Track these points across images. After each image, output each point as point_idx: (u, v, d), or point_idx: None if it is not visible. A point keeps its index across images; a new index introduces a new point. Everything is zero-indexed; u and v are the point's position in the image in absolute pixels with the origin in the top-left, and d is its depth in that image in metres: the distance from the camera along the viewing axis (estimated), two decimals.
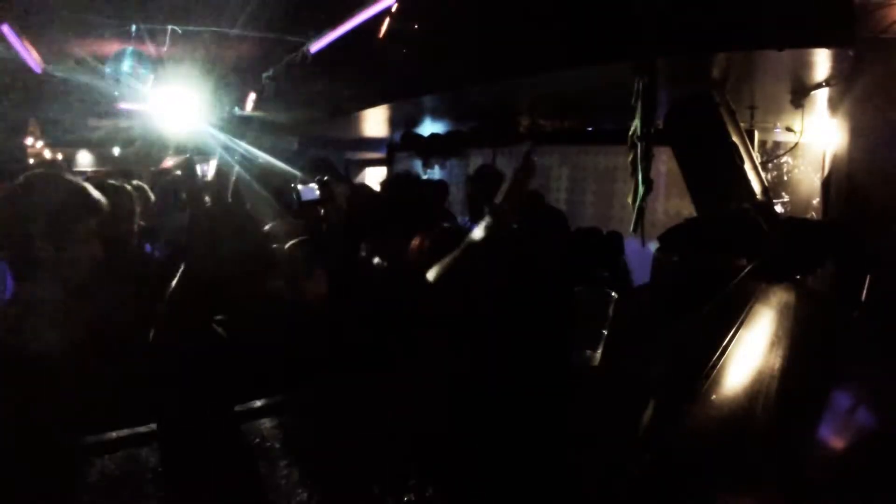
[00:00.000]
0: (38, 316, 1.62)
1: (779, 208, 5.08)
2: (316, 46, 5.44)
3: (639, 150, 3.18)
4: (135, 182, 3.77)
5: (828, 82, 3.35)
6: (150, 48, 5.90)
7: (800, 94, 3.68)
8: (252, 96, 7.31)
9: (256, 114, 7.42)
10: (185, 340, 1.14)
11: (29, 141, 10.13)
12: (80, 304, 1.73)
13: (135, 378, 1.87)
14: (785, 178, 5.90)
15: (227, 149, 7.30)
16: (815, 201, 5.21)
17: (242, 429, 1.11)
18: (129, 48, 5.93)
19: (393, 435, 1.14)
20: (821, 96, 3.63)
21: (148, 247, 3.53)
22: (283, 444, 1.08)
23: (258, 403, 1.21)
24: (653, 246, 3.30)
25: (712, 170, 3.67)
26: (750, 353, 1.66)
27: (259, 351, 1.80)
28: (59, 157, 12.69)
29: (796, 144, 4.26)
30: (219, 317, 1.71)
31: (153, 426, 1.08)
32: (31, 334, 1.59)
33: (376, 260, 2.64)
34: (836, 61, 2.98)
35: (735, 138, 3.66)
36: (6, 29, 5.06)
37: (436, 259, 2.17)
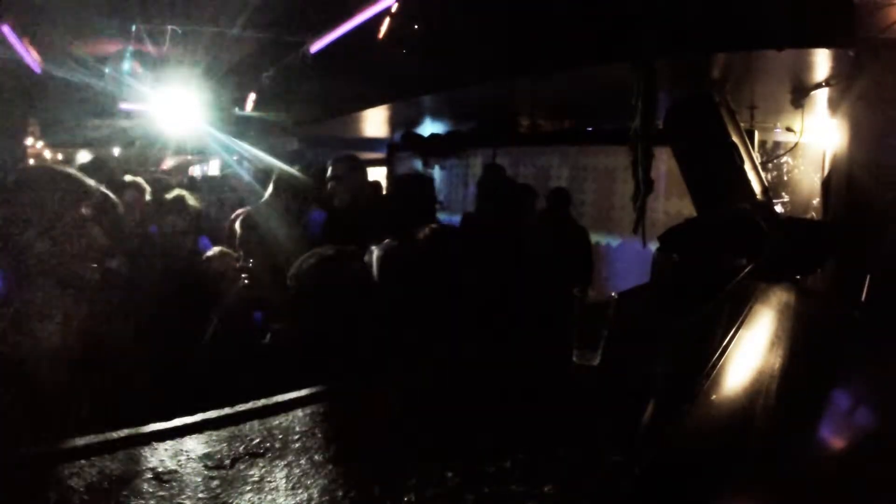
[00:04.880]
0: (35, 315, 1.63)
1: (779, 208, 5.08)
2: (316, 46, 5.45)
3: (639, 150, 3.18)
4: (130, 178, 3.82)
5: (828, 82, 3.35)
6: (150, 48, 5.90)
7: (800, 94, 3.68)
8: (252, 96, 7.32)
9: (256, 114, 7.43)
10: None
11: (29, 141, 10.12)
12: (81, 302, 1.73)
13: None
14: (785, 178, 5.90)
15: (226, 149, 7.32)
16: (815, 201, 5.21)
17: (242, 429, 1.11)
18: (129, 48, 5.94)
19: (393, 435, 1.14)
20: (821, 96, 3.63)
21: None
22: (282, 444, 1.07)
23: (257, 403, 1.21)
24: (653, 246, 3.30)
25: (712, 170, 3.67)
26: (750, 353, 1.67)
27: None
28: (59, 157, 12.68)
29: (796, 144, 4.26)
30: None
31: (153, 426, 1.08)
32: (28, 335, 1.59)
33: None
34: (836, 61, 2.98)
35: (735, 138, 3.67)
36: (6, 29, 5.06)
37: (426, 257, 2.17)
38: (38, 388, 1.52)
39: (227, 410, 1.16)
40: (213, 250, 3.01)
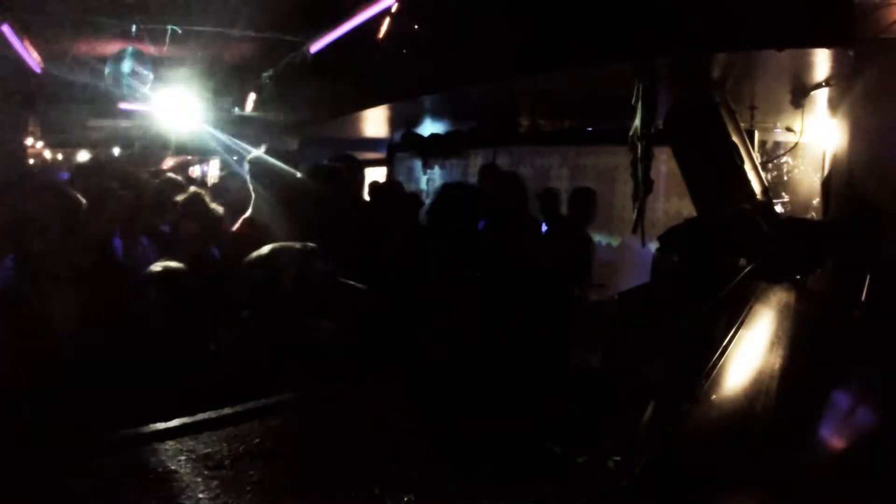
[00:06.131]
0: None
1: (779, 208, 5.07)
2: (316, 46, 5.45)
3: (639, 150, 3.18)
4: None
5: (828, 82, 3.35)
6: (150, 48, 5.90)
7: (800, 94, 3.67)
8: (252, 96, 7.31)
9: (256, 114, 7.43)
10: None
11: (29, 141, 10.13)
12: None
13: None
14: (785, 178, 5.90)
15: (226, 149, 7.33)
16: (815, 201, 5.20)
17: (241, 429, 1.11)
18: (129, 48, 5.93)
19: (393, 435, 1.14)
20: (821, 96, 3.62)
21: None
22: (282, 444, 1.08)
23: (258, 403, 1.21)
24: (653, 246, 3.30)
25: (712, 170, 3.66)
26: (750, 353, 1.66)
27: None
28: (59, 157, 12.69)
29: (796, 144, 4.26)
30: None
31: (153, 426, 1.08)
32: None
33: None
34: (836, 61, 2.98)
35: (735, 138, 3.66)
36: (6, 29, 5.06)
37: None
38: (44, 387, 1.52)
39: (226, 411, 1.16)
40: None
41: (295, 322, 1.84)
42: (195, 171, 14.86)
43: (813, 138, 4.46)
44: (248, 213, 3.61)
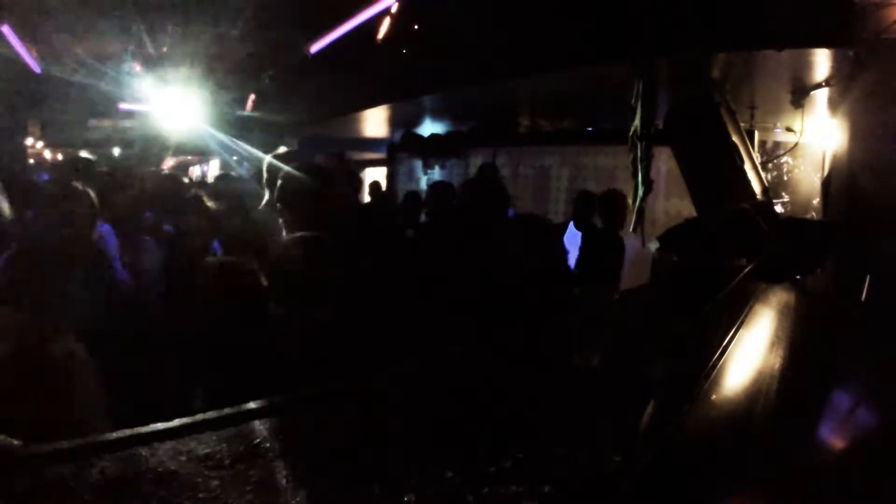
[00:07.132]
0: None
1: (779, 208, 5.07)
2: (316, 46, 5.45)
3: (639, 150, 3.19)
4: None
5: (828, 82, 3.35)
6: (150, 48, 5.91)
7: (800, 94, 3.68)
8: (252, 96, 7.32)
9: (256, 114, 7.43)
10: None
11: (29, 141, 10.14)
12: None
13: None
14: (785, 178, 5.90)
15: (227, 149, 7.33)
16: (815, 201, 5.20)
17: (241, 429, 1.11)
18: (129, 48, 5.94)
19: (393, 434, 1.14)
20: (821, 96, 3.63)
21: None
22: (283, 444, 1.07)
23: (256, 403, 1.21)
24: (653, 246, 3.30)
25: (712, 170, 3.67)
26: (750, 353, 1.66)
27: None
28: (59, 157, 12.69)
29: (796, 144, 4.26)
30: None
31: (153, 426, 1.08)
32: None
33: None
34: (836, 61, 2.98)
35: (735, 138, 3.66)
36: (6, 29, 5.06)
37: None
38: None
39: (227, 411, 1.16)
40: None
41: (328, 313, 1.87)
42: (195, 171, 14.86)
43: (813, 138, 4.47)
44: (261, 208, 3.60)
